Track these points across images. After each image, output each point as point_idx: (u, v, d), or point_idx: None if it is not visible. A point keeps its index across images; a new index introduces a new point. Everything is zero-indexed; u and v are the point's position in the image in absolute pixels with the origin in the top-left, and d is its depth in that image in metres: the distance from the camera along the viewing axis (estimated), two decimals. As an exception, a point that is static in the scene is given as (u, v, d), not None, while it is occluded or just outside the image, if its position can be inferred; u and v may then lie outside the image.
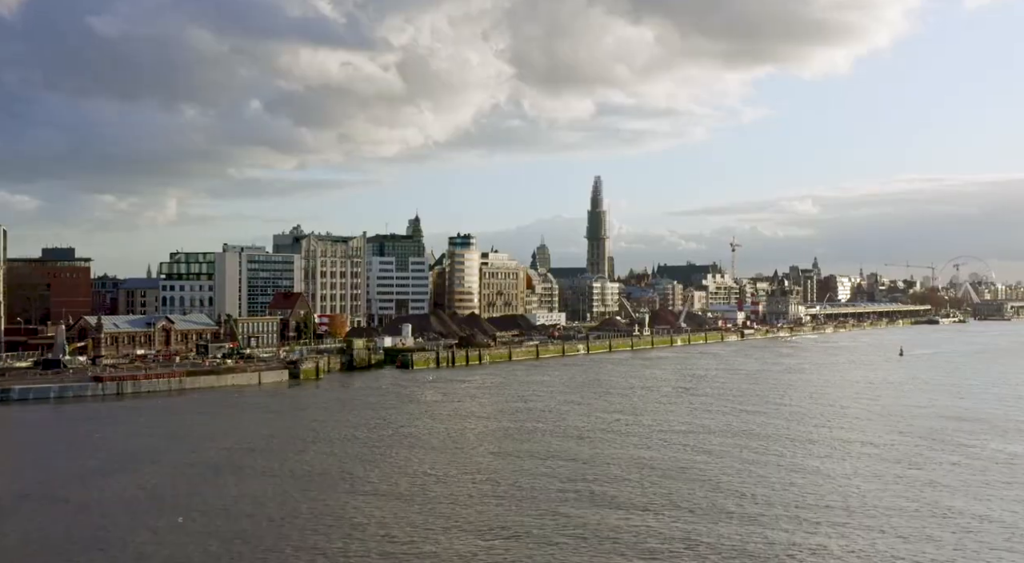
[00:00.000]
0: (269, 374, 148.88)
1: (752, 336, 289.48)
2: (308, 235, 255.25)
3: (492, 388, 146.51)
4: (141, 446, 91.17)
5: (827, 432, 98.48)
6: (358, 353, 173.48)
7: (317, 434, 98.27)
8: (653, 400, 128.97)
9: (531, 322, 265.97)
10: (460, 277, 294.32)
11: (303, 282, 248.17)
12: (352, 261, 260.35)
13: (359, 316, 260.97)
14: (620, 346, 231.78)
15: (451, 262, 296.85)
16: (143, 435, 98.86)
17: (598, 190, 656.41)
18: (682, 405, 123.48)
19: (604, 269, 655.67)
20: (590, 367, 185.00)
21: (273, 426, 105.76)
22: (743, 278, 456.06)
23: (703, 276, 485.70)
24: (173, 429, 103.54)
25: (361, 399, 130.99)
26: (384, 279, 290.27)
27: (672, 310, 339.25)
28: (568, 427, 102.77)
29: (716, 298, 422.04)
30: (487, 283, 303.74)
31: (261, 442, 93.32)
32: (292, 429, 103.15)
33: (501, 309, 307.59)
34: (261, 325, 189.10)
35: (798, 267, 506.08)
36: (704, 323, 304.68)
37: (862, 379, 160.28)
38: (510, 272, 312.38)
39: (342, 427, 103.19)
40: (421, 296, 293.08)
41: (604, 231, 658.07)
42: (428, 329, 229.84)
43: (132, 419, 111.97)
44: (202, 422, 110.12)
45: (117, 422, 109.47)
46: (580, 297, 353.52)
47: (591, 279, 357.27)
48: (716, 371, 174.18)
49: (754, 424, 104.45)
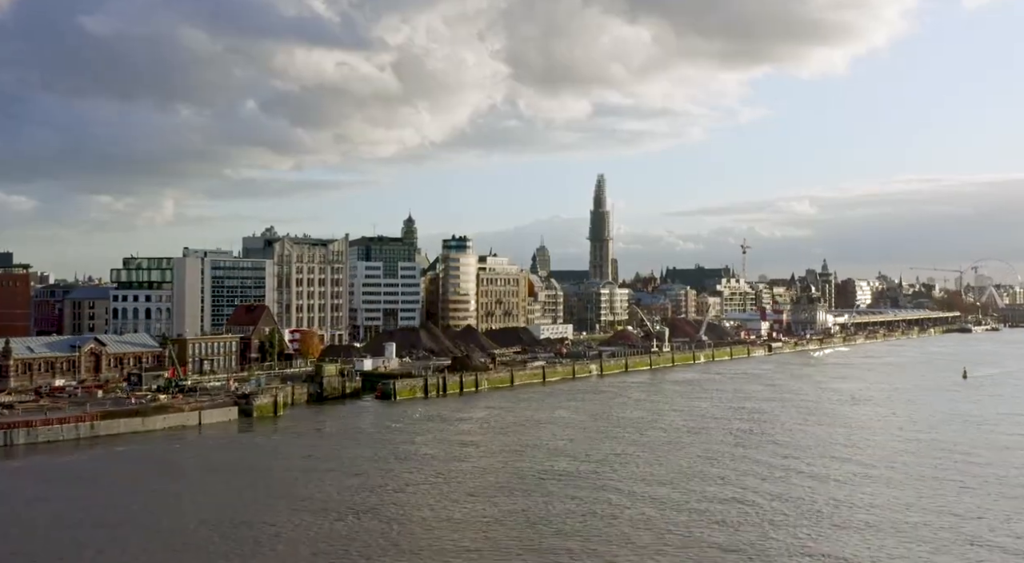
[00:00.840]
0: (213, 413, 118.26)
1: (780, 350, 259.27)
2: (282, 237, 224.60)
3: (496, 432, 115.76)
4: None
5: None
6: (329, 381, 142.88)
7: (232, 537, 67.76)
8: (719, 458, 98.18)
9: (534, 336, 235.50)
10: (455, 284, 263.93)
11: (276, 291, 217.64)
12: (333, 267, 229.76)
13: (341, 329, 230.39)
14: (637, 365, 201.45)
15: (445, 267, 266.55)
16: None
17: (601, 189, 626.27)
18: (766, 466, 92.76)
19: (608, 272, 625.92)
20: (610, 396, 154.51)
21: (179, 513, 75.29)
22: (758, 283, 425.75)
23: (716, 280, 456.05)
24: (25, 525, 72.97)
25: (324, 453, 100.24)
26: (370, 287, 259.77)
27: (688, 319, 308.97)
28: (628, 524, 72.31)
29: (731, 304, 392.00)
30: (485, 290, 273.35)
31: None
32: (195, 531, 72.53)
33: (501, 320, 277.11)
34: (217, 346, 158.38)
35: (815, 270, 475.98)
36: (725, 334, 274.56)
37: (957, 416, 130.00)
38: (510, 278, 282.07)
39: (283, 518, 72.65)
40: (412, 305, 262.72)
41: (608, 232, 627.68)
42: (417, 346, 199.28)
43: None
44: (68, 501, 79.52)
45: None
46: (587, 305, 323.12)
47: (598, 285, 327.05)
48: (768, 402, 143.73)
49: (905, 506, 74.21)
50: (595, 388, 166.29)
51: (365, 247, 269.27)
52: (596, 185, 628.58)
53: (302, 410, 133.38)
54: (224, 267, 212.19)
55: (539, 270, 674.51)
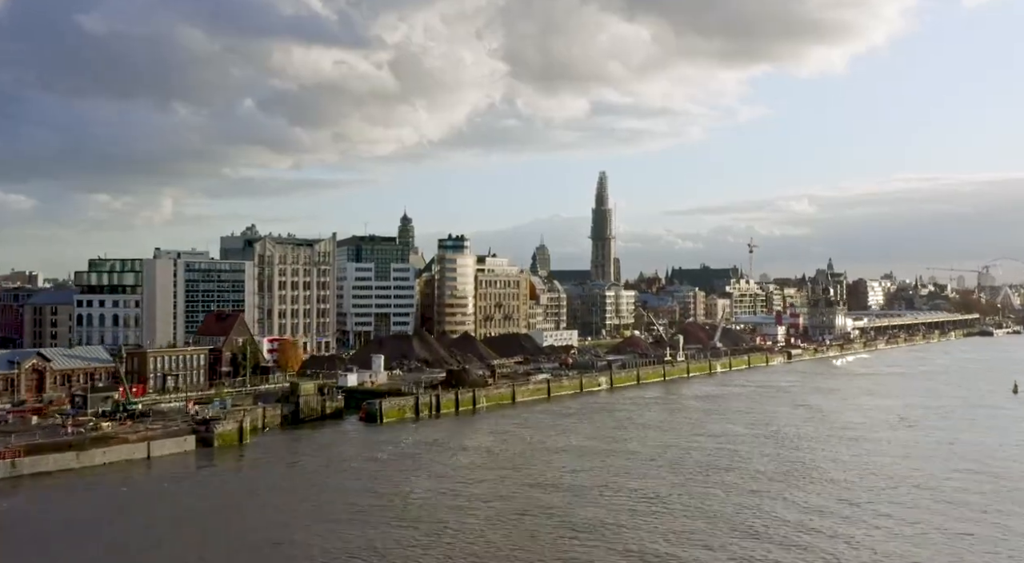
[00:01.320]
0: (165, 443, 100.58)
1: (800, 357, 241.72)
2: (263, 237, 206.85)
3: (499, 466, 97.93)
4: None
5: None
6: (306, 401, 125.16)
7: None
8: (772, 507, 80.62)
9: (537, 343, 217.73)
10: (452, 286, 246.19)
11: (256, 295, 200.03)
12: (319, 269, 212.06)
13: (327, 336, 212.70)
14: (650, 376, 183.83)
15: (441, 269, 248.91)
16: None
17: (603, 187, 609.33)
18: (838, 518, 75.19)
19: (610, 271, 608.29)
20: (625, 416, 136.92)
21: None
22: (768, 283, 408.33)
23: (724, 281, 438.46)
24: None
25: (290, 501, 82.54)
26: (361, 290, 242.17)
27: (700, 324, 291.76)
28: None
29: (740, 306, 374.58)
30: (484, 293, 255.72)
31: None
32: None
33: (500, 325, 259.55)
34: (182, 360, 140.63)
35: (825, 271, 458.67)
36: (739, 340, 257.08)
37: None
38: (510, 280, 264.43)
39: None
40: (405, 309, 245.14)
41: (610, 230, 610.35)
42: (410, 355, 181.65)
43: None
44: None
45: None
46: (591, 308, 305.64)
47: (603, 287, 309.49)
48: (809, 426, 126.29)
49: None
50: (607, 405, 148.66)
51: (356, 247, 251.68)
52: (598, 183, 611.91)
53: (274, 436, 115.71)
54: (199, 269, 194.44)
55: (539, 270, 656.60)
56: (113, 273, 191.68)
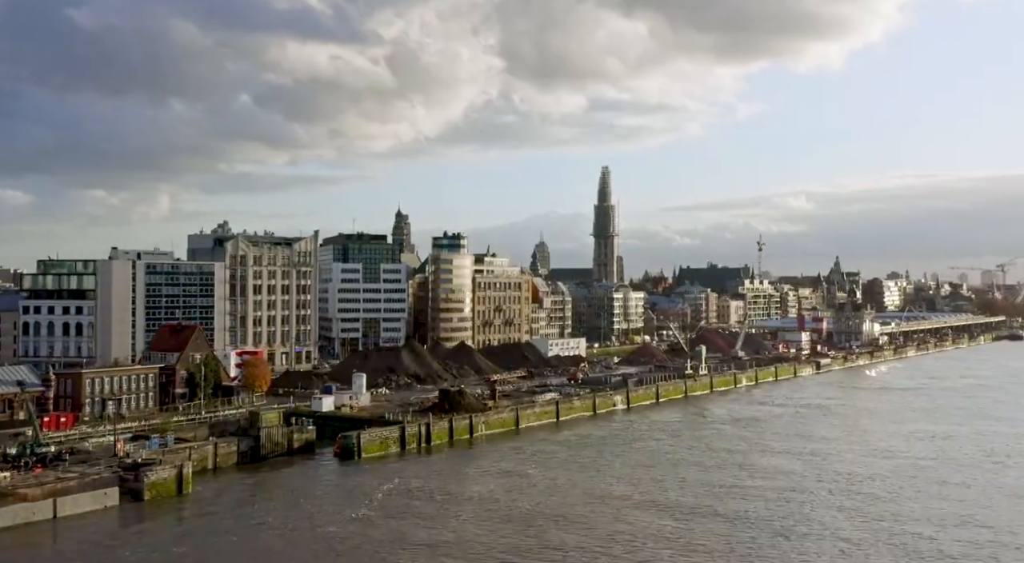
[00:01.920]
0: (79, 498, 78.81)
1: (829, 367, 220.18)
2: (236, 235, 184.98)
3: (507, 532, 76.23)
4: None
5: None
6: (268, 434, 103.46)
7: None
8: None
9: (541, 354, 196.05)
10: (447, 289, 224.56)
11: (227, 301, 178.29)
12: (299, 270, 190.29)
13: (308, 345, 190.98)
14: (670, 394, 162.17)
15: (436, 270, 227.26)
16: None
17: (606, 182, 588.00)
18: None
19: (613, 270, 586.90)
20: (651, 447, 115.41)
21: None
22: (782, 283, 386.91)
23: (735, 281, 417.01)
24: None
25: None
26: (348, 293, 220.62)
27: (718, 330, 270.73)
28: None
29: (754, 308, 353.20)
30: (482, 296, 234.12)
31: None
32: None
33: (500, 331, 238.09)
34: (128, 381, 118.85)
35: (839, 271, 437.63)
36: (760, 347, 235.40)
37: None
38: (511, 281, 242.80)
39: None
40: (397, 314, 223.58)
41: (613, 227, 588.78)
42: (399, 370, 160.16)
43: None
44: None
45: None
46: (598, 311, 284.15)
47: (610, 289, 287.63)
48: (868, 459, 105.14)
49: None
50: (628, 432, 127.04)
51: (342, 246, 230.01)
52: (600, 178, 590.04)
53: (227, 480, 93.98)
54: (162, 272, 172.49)
55: (540, 269, 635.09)
56: (70, 276, 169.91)
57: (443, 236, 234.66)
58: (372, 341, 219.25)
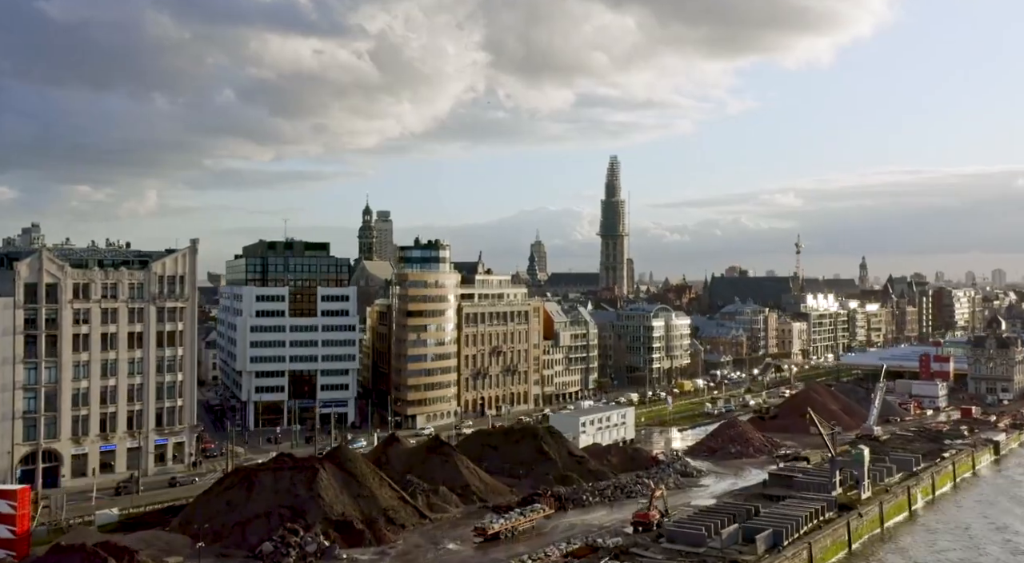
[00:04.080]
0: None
1: (1008, 446, 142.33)
2: (39, 249, 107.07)
3: None
4: None
5: None
6: None
7: None
8: None
9: (570, 447, 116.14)
10: (417, 329, 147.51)
11: (22, 364, 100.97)
12: (161, 308, 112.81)
13: (176, 432, 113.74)
14: (827, 555, 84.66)
15: (402, 296, 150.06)
16: None
17: (614, 175, 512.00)
18: None
19: (623, 275, 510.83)
20: None
21: None
22: (848, 299, 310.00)
23: (779, 290, 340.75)
24: None
25: None
26: (267, 332, 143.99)
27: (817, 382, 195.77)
28: None
29: (819, 331, 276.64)
30: (473, 334, 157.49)
31: None
32: None
33: (498, 384, 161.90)
34: None
35: (905, 277, 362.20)
36: (892, 412, 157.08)
37: None
38: (515, 310, 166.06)
39: None
40: (343, 364, 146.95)
41: (623, 226, 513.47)
42: (309, 512, 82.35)
43: None
44: None
45: None
46: (632, 344, 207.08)
47: (648, 313, 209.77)
48: None
49: None
50: None
51: (259, 261, 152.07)
52: (608, 170, 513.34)
53: None
54: None
55: (538, 272, 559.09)
56: None
57: (414, 245, 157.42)
58: (304, 405, 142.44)
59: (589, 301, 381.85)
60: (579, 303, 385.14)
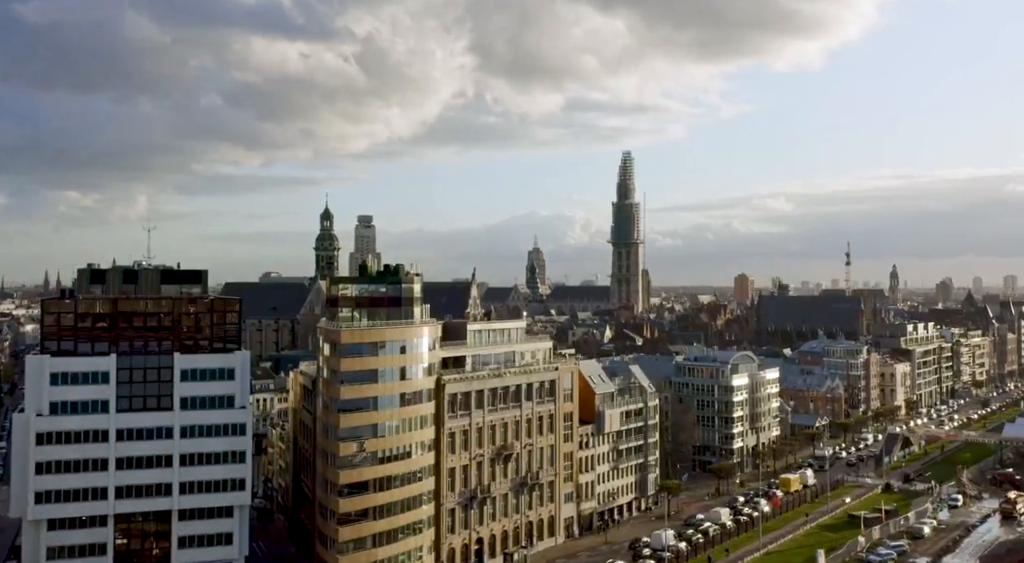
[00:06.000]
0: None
1: None
2: None
3: None
4: None
5: None
6: None
7: None
8: None
9: None
10: (358, 434, 79.87)
11: None
12: None
13: None
14: None
15: (331, 371, 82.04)
16: None
17: (627, 174, 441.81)
18: None
19: (639, 288, 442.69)
20: None
21: None
22: (950, 328, 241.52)
23: (847, 312, 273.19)
24: None
25: None
26: (67, 447, 75.72)
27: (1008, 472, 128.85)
28: None
29: (924, 371, 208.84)
30: (466, 428, 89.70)
31: None
32: None
33: (511, 512, 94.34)
34: None
35: (1007, 297, 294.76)
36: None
37: None
38: (536, 382, 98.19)
39: None
40: (223, 501, 78.91)
41: (638, 233, 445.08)
42: None
43: None
44: None
45: None
46: (703, 413, 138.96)
47: (724, 366, 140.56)
48: None
49: None
50: None
51: (71, 304, 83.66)
52: (621, 168, 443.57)
53: None
54: None
55: (539, 285, 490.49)
56: None
57: (360, 275, 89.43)
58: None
59: (607, 324, 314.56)
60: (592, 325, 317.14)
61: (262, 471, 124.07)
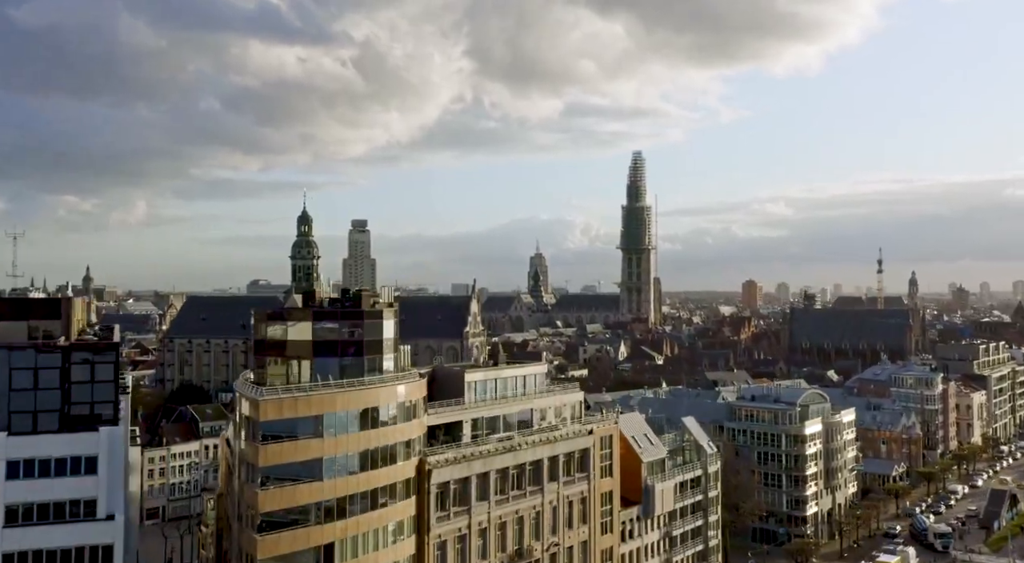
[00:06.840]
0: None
1: None
2: None
3: None
4: None
5: None
6: None
7: None
8: None
9: None
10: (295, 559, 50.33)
11: None
12: None
13: None
14: None
15: (243, 479, 52.43)
16: None
17: (638, 175, 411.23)
18: None
19: (650, 298, 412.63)
20: None
21: None
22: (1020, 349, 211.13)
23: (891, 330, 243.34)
24: None
25: None
26: None
27: None
28: None
29: (1000, 399, 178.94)
30: (461, 533, 59.85)
31: None
32: None
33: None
34: None
35: None
36: None
37: None
38: (564, 454, 68.38)
39: None
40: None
41: (649, 237, 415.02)
42: None
43: None
44: None
45: None
46: (767, 469, 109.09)
47: (789, 407, 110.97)
48: None
49: None
50: None
51: None
52: (631, 168, 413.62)
53: None
54: None
55: (543, 294, 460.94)
56: None
57: (304, 304, 59.79)
58: None
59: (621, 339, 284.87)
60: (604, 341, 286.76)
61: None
